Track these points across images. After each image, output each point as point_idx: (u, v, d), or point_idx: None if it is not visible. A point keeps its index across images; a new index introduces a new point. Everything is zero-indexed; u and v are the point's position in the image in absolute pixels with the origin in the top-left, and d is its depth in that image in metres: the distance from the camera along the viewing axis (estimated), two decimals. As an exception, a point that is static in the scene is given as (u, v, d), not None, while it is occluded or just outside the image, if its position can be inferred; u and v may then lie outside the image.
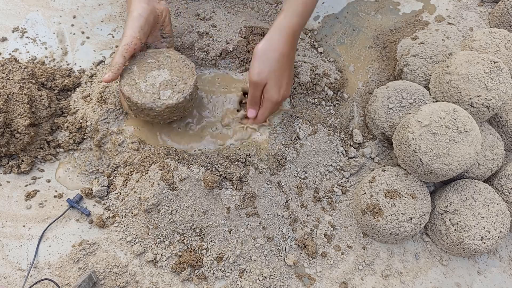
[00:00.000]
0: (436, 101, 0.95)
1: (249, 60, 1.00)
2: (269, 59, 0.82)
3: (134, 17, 0.81)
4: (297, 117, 0.96)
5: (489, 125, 0.96)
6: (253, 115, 0.89)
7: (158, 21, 0.86)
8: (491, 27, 1.17)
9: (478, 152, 0.82)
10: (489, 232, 0.84)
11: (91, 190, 0.88)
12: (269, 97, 0.84)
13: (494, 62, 0.89)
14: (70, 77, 0.99)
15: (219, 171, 0.84)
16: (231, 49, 1.00)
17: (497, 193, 0.91)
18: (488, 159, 0.91)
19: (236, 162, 0.87)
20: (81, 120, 0.92)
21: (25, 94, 0.87)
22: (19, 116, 0.86)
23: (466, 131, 0.81)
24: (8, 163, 0.89)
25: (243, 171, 0.86)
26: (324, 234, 0.91)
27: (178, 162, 0.85)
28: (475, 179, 0.92)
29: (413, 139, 0.82)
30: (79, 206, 0.87)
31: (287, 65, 0.85)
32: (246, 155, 0.89)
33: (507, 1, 1.12)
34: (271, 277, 0.85)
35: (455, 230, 0.86)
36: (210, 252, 0.85)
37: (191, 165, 0.84)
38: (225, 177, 0.85)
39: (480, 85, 0.87)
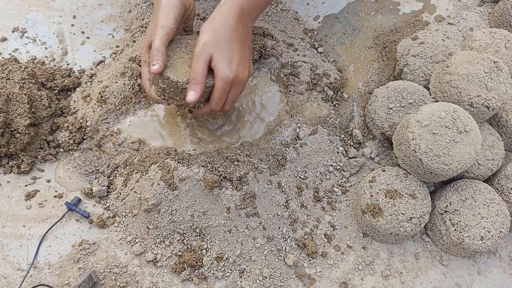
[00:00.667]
0: (436, 101, 0.95)
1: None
2: (216, 31, 0.75)
3: (170, 7, 0.78)
4: (297, 117, 0.96)
5: (489, 125, 0.96)
6: (194, 98, 0.74)
7: (185, 14, 0.83)
8: (491, 27, 1.17)
9: (478, 152, 0.82)
10: (489, 232, 0.84)
11: (91, 190, 0.88)
12: (219, 73, 0.74)
13: (494, 62, 0.89)
14: (70, 77, 0.99)
15: (219, 171, 0.84)
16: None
17: (497, 193, 0.91)
18: (488, 159, 0.91)
19: (236, 162, 0.87)
20: (81, 120, 0.92)
21: (25, 94, 0.87)
22: (19, 116, 0.86)
23: (466, 131, 0.81)
24: (8, 163, 0.89)
25: (243, 171, 0.86)
26: (324, 234, 0.91)
27: (178, 162, 0.85)
28: (475, 179, 0.92)
29: (413, 139, 0.82)
30: (77, 208, 0.86)
31: (237, 40, 0.77)
32: (246, 155, 0.89)
33: (507, 1, 1.12)
34: (271, 277, 0.85)
35: (455, 230, 0.86)
36: (210, 252, 0.85)
37: (191, 165, 0.84)
38: (225, 177, 0.84)
39: (480, 85, 0.87)
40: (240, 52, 0.77)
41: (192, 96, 0.74)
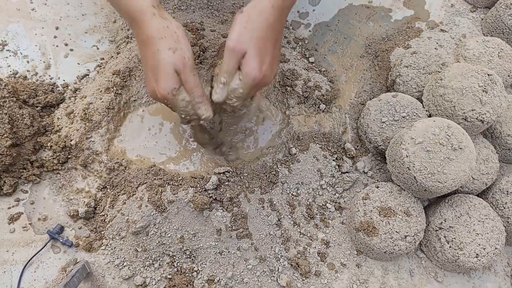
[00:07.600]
0: (430, 115, 0.93)
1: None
2: (253, 24, 0.69)
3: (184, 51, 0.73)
4: (289, 132, 0.94)
5: (483, 138, 0.94)
6: (220, 99, 0.73)
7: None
8: (483, 33, 1.15)
9: (473, 169, 0.81)
10: (484, 249, 0.83)
11: (77, 211, 0.85)
12: (248, 71, 0.69)
13: (488, 74, 0.87)
14: (54, 92, 0.95)
15: (209, 192, 0.82)
16: (220, 62, 0.97)
17: (492, 207, 0.90)
18: (483, 173, 0.90)
19: (227, 183, 0.84)
20: (65, 139, 0.89)
21: (6, 114, 0.83)
22: (0, 137, 0.83)
23: (460, 148, 0.80)
24: (-11, 185, 0.86)
25: (234, 192, 0.83)
26: (317, 252, 0.89)
27: (166, 183, 0.82)
28: (469, 193, 0.91)
29: (407, 156, 0.81)
30: (60, 237, 0.83)
31: (272, 39, 0.71)
32: (237, 174, 0.86)
33: (500, 7, 1.10)
34: (264, 298, 0.83)
35: (450, 247, 0.84)
36: (201, 274, 0.82)
37: (180, 186, 0.82)
38: (215, 198, 0.82)
39: (475, 99, 0.86)
40: (272, 53, 0.72)
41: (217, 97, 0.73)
